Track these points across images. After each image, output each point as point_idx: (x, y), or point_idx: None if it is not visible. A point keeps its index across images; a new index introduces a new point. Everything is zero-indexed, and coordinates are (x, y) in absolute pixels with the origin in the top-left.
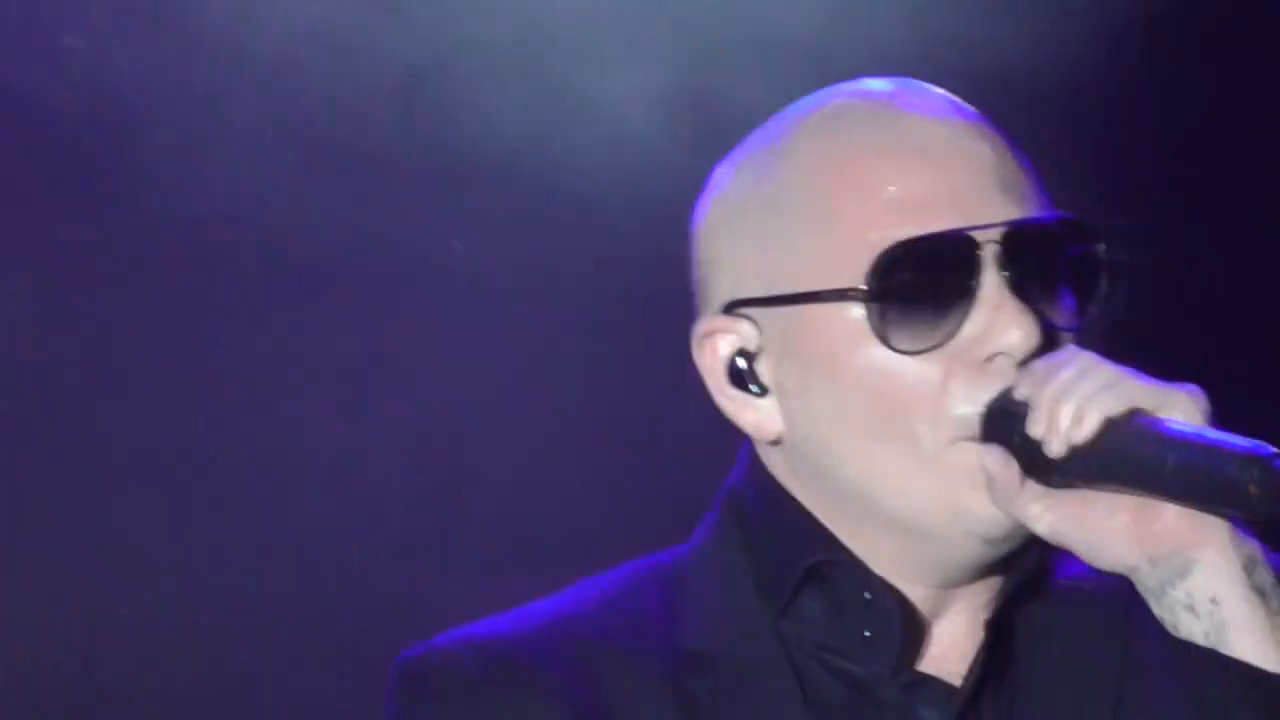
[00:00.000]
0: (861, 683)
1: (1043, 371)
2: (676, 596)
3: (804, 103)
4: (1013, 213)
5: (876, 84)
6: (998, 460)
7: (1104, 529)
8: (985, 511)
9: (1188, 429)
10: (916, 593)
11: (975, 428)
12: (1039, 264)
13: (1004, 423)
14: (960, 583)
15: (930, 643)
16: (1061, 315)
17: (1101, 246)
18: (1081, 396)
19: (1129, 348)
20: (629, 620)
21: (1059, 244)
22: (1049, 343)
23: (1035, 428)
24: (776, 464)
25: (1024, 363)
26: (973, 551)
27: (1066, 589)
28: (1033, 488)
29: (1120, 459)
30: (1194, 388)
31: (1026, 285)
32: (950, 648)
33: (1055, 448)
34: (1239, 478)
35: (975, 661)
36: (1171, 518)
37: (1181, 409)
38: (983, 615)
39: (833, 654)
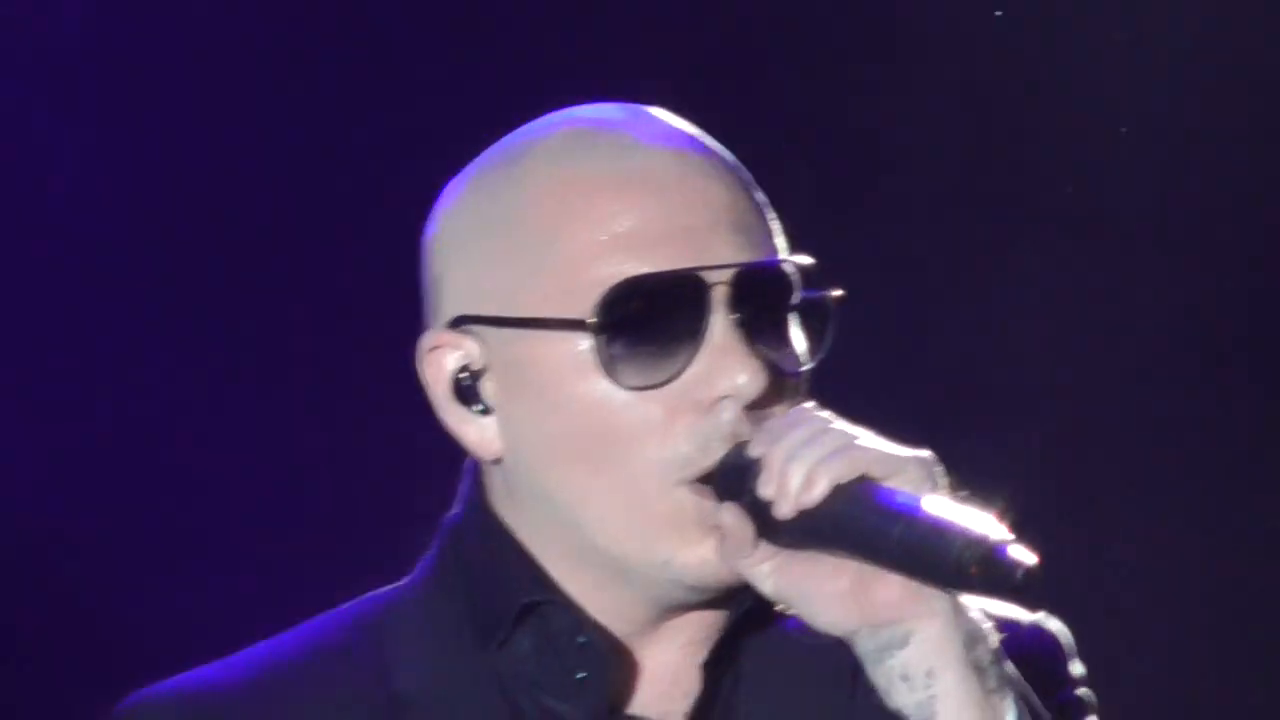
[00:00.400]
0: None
1: (777, 430)
2: (388, 637)
3: (540, 124)
4: (745, 254)
5: (613, 111)
6: (733, 518)
7: (826, 593)
8: (693, 561)
9: (915, 502)
10: (629, 628)
11: (695, 470)
12: (769, 307)
13: (737, 479)
14: (671, 619)
15: (647, 682)
16: (789, 358)
17: (833, 292)
18: (812, 460)
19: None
20: (337, 663)
21: (790, 288)
22: (776, 386)
23: (765, 488)
24: (496, 488)
25: (751, 407)
26: (680, 596)
27: (797, 634)
28: (764, 548)
29: (846, 526)
30: (926, 454)
31: (755, 327)
32: (669, 686)
33: (784, 510)
34: (961, 557)
35: (694, 707)
36: (895, 587)
37: (911, 476)
38: (700, 652)
39: (545, 694)
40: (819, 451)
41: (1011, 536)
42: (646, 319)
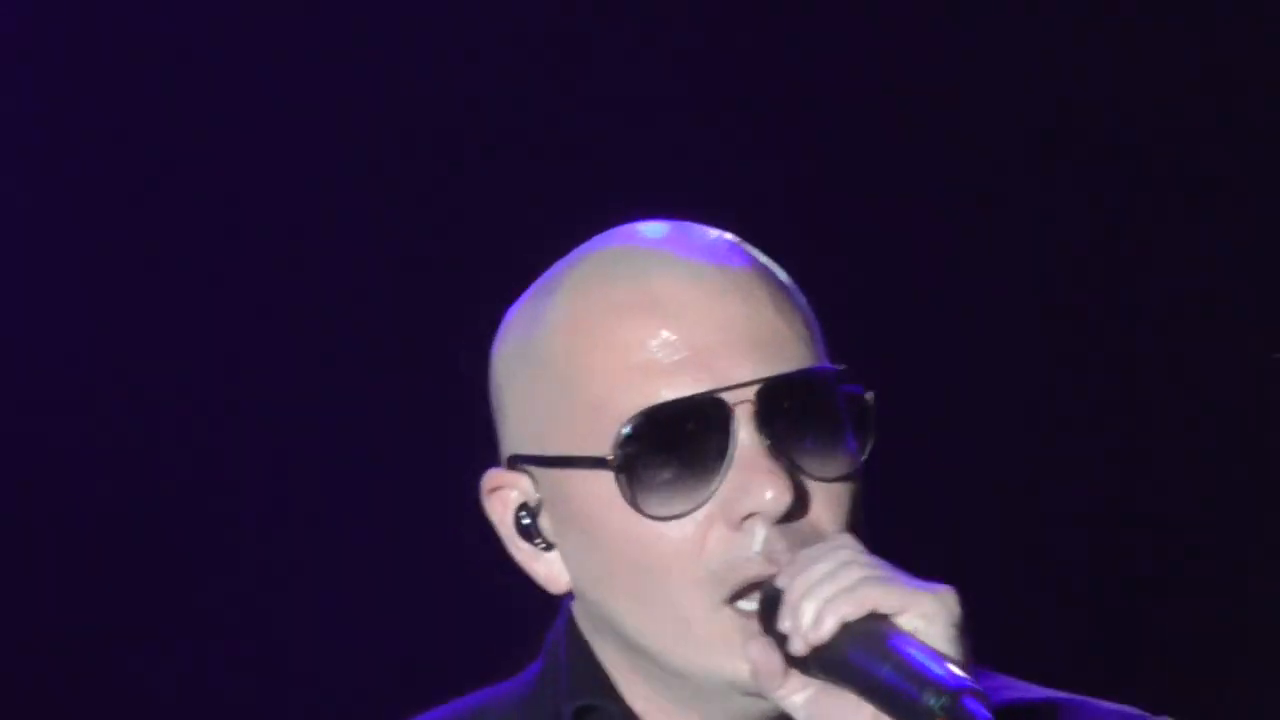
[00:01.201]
0: None
1: (802, 562)
2: None
3: (578, 250)
4: (764, 370)
5: (647, 231)
6: (761, 651)
7: None
8: (746, 675)
9: (907, 645)
10: None
11: (728, 588)
12: (794, 417)
13: (771, 610)
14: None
15: None
16: (832, 464)
17: (866, 394)
18: (822, 598)
19: None
20: None
21: (819, 395)
22: (812, 495)
23: (783, 623)
24: (579, 611)
25: (788, 519)
26: (746, 704)
27: None
28: (796, 678)
29: (847, 665)
30: (945, 589)
31: (787, 440)
32: None
33: (797, 646)
34: (929, 706)
35: None
36: None
37: (923, 612)
38: None
39: None
40: (831, 589)
41: (976, 689)
42: (669, 448)
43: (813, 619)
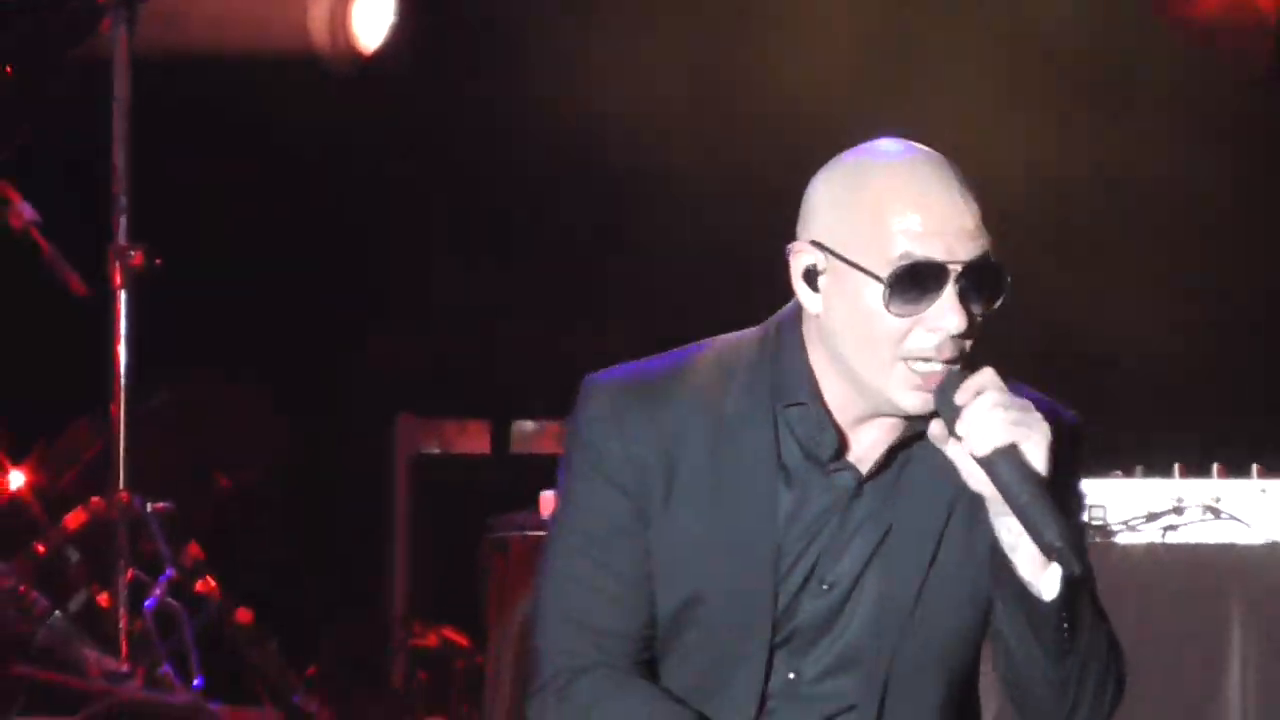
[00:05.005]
0: (817, 458)
1: (970, 388)
2: (729, 370)
3: (880, 147)
4: (971, 251)
5: (916, 149)
6: (938, 430)
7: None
8: (909, 405)
9: (1038, 482)
10: (859, 418)
11: (916, 355)
12: (976, 282)
13: (947, 405)
14: (880, 420)
15: (859, 448)
16: (980, 310)
17: (1008, 277)
18: (984, 425)
19: None
20: (712, 375)
21: (989, 272)
22: (972, 323)
23: (959, 429)
24: (810, 325)
25: (956, 338)
26: (898, 413)
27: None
28: (956, 443)
29: (995, 475)
30: (1040, 420)
31: (967, 293)
32: (870, 452)
33: (964, 450)
34: (1048, 545)
35: (874, 465)
36: None
37: (1034, 442)
38: (889, 440)
39: (804, 440)
40: (994, 419)
41: (1078, 546)
42: (913, 282)
43: (979, 440)
